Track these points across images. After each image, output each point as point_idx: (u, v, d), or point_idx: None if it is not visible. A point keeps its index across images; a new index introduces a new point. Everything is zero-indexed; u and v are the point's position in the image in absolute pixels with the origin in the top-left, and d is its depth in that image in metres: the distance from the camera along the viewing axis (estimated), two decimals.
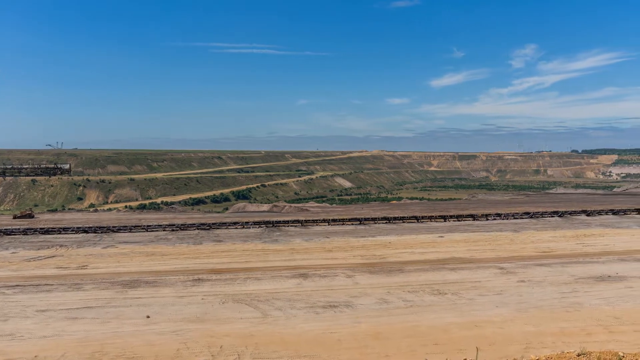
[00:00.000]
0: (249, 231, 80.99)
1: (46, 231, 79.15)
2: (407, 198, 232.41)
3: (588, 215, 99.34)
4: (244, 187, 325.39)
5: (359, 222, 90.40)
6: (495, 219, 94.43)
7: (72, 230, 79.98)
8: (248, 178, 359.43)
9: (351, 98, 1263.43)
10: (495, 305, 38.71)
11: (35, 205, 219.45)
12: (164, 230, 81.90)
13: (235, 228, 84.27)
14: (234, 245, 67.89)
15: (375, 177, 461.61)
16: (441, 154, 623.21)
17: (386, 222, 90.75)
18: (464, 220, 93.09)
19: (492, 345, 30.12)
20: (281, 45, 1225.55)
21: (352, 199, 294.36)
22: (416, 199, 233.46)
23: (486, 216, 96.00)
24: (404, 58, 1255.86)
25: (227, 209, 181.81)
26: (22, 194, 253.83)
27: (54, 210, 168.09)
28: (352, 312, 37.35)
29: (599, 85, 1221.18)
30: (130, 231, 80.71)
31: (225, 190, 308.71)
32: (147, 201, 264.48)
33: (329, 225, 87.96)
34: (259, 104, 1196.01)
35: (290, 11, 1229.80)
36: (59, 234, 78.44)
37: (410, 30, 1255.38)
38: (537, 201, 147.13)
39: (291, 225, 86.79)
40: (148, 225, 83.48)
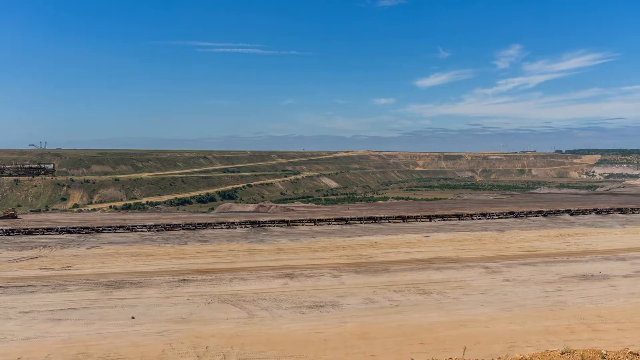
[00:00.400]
0: (235, 231, 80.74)
1: (29, 232, 78.31)
2: (393, 198, 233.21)
3: (572, 214, 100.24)
4: (229, 187, 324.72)
5: (345, 222, 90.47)
6: (480, 219, 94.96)
7: (56, 231, 79.19)
8: (234, 178, 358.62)
9: (337, 98, 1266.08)
10: (480, 305, 38.94)
11: (19, 206, 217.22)
12: (149, 230, 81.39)
13: (221, 228, 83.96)
14: (220, 245, 67.65)
15: (362, 177, 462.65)
16: (427, 154, 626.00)
17: (372, 222, 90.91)
18: (449, 220, 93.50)
19: (478, 344, 30.30)
20: (267, 44, 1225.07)
21: (338, 198, 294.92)
22: (402, 198, 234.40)
23: (471, 216, 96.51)
24: (389, 58, 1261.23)
25: (213, 209, 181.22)
26: (5, 194, 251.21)
27: (38, 211, 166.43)
28: (338, 312, 37.37)
29: (583, 85, 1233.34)
30: (114, 232, 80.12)
31: (211, 190, 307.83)
32: (132, 201, 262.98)
33: (315, 225, 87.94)
34: (245, 104, 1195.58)
35: (276, 10, 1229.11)
36: (43, 234, 77.65)
37: (396, 29, 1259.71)
38: (522, 201, 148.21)
39: (277, 225, 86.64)
40: (133, 226, 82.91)
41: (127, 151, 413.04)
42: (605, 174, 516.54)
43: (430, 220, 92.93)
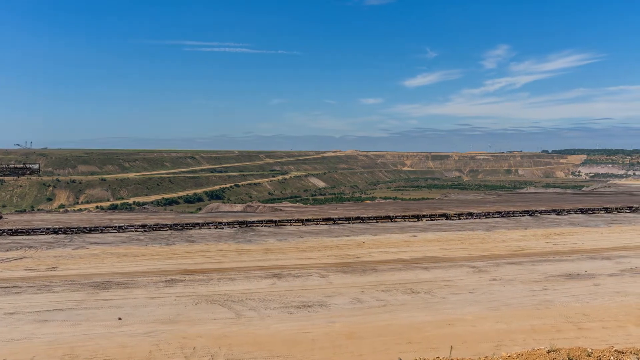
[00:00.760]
0: (223, 231, 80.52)
1: (14, 232, 77.57)
2: (381, 198, 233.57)
3: (558, 214, 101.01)
4: (217, 187, 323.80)
5: (332, 222, 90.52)
6: (467, 218, 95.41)
7: (42, 231, 78.50)
8: (221, 178, 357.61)
9: (325, 98, 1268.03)
10: (467, 304, 39.13)
11: (4, 206, 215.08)
12: (136, 230, 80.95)
13: (209, 228, 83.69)
14: (208, 245, 67.44)
15: (349, 177, 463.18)
16: (414, 154, 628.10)
17: (360, 222, 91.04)
18: (436, 220, 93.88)
19: (465, 343, 30.44)
20: (255, 44, 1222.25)
21: (326, 198, 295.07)
22: (390, 198, 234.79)
23: (458, 215, 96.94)
24: (377, 57, 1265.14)
25: (201, 209, 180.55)
26: None
27: (23, 211, 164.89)
28: (326, 312, 37.40)
29: (569, 86, 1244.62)
30: (101, 232, 79.59)
31: (199, 191, 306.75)
32: (119, 201, 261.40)
33: (302, 225, 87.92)
34: (233, 104, 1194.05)
35: (264, 10, 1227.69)
36: (28, 235, 76.95)
37: (384, 29, 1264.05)
38: (509, 200, 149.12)
39: (265, 225, 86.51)
40: (120, 226, 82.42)
41: (114, 151, 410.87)
42: (590, 173, 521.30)
43: (417, 220, 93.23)
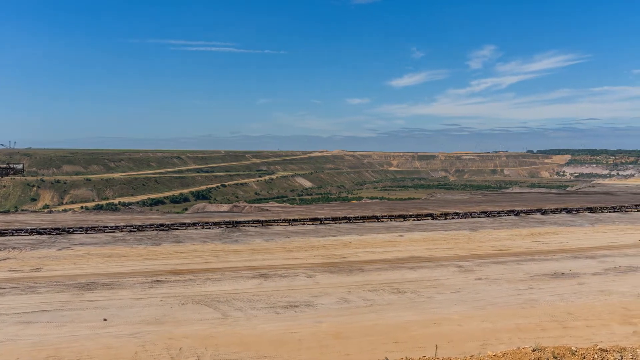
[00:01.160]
0: (209, 232, 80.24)
1: None
2: (368, 198, 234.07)
3: (543, 214, 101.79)
4: (203, 187, 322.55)
5: (319, 222, 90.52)
6: (453, 218, 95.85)
7: (26, 232, 77.70)
8: (208, 178, 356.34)
9: (312, 97, 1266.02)
10: (453, 303, 39.31)
11: None
12: (121, 231, 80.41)
13: (195, 229, 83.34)
14: (194, 246, 67.16)
15: (336, 177, 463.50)
16: (401, 154, 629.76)
17: (347, 222, 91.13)
18: (423, 220, 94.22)
19: (451, 342, 30.57)
20: (241, 43, 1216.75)
21: (313, 198, 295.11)
22: (376, 198, 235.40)
23: (445, 215, 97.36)
24: (364, 57, 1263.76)
25: (187, 209, 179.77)
26: None
27: (7, 212, 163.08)
28: (313, 312, 37.39)
29: (554, 86, 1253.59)
30: (86, 232, 78.95)
31: (185, 191, 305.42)
32: (104, 202, 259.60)
33: (289, 225, 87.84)
34: (220, 103, 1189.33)
35: (249, 9, 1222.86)
36: (12, 235, 76.14)
37: (371, 29, 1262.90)
38: (494, 200, 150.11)
39: (251, 226, 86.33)
40: (105, 227, 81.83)
41: (99, 151, 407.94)
42: (575, 173, 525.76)
43: (404, 220, 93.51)
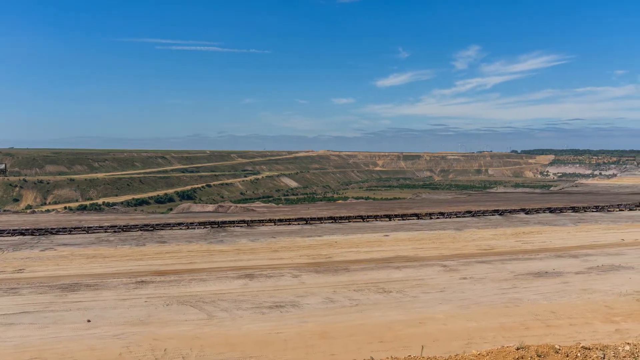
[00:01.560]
0: (194, 232, 79.87)
1: None
2: (353, 197, 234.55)
3: (527, 213, 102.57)
4: (188, 187, 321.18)
5: (305, 222, 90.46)
6: (438, 218, 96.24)
7: (8, 233, 76.77)
8: (193, 178, 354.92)
9: (297, 97, 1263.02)
10: (438, 303, 39.49)
11: None
12: (105, 231, 79.76)
13: (180, 229, 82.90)
14: (179, 246, 66.83)
15: (322, 177, 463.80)
16: (386, 154, 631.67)
17: (332, 222, 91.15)
18: (408, 219, 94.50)
19: (436, 341, 30.72)
20: (226, 42, 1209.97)
21: (299, 198, 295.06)
22: (362, 198, 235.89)
23: (430, 215, 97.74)
24: (350, 57, 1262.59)
25: (172, 209, 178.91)
26: None
27: None
28: (299, 312, 37.38)
29: (538, 87, 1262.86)
30: (70, 233, 78.20)
31: (170, 191, 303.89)
32: (88, 202, 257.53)
33: (275, 225, 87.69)
34: (205, 103, 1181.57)
35: (234, 7, 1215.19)
36: None
37: (356, 28, 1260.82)
38: (479, 200, 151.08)
39: (237, 226, 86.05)
40: (89, 227, 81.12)
41: (83, 151, 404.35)
42: (558, 173, 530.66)
43: (389, 220, 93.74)
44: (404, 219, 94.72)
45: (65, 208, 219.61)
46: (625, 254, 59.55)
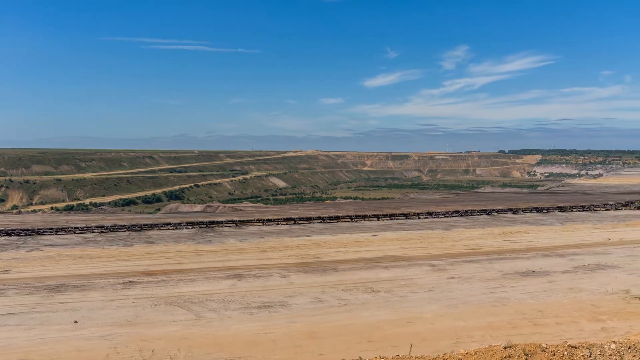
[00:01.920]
0: (182, 232, 79.58)
1: None
2: (342, 197, 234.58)
3: (514, 213, 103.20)
4: (176, 188, 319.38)
5: (293, 222, 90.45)
6: (427, 218, 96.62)
7: None
8: (181, 178, 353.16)
9: (286, 97, 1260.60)
10: (426, 302, 39.63)
11: None
12: (92, 232, 79.27)
13: (168, 229, 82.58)
14: (167, 246, 66.56)
15: (310, 177, 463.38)
16: (375, 154, 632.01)
17: (321, 222, 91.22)
18: (396, 219, 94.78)
19: (424, 340, 30.81)
20: (213, 41, 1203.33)
21: (287, 198, 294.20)
22: (350, 198, 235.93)
23: (418, 215, 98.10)
24: (338, 57, 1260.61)
25: (160, 209, 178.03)
26: None
27: None
28: (287, 312, 37.35)
29: (526, 87, 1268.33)
30: (56, 233, 77.63)
31: (157, 191, 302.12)
32: (75, 202, 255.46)
33: (263, 225, 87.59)
34: (193, 103, 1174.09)
35: (222, 6, 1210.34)
36: None
37: (344, 28, 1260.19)
38: (467, 200, 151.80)
39: (225, 226, 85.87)
40: (76, 227, 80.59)
41: (70, 150, 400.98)
42: (545, 173, 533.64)
43: (378, 220, 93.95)
44: (392, 219, 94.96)
45: (51, 208, 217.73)
46: (612, 253, 60.13)
